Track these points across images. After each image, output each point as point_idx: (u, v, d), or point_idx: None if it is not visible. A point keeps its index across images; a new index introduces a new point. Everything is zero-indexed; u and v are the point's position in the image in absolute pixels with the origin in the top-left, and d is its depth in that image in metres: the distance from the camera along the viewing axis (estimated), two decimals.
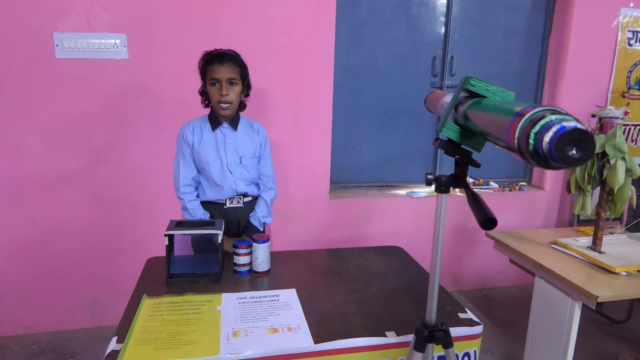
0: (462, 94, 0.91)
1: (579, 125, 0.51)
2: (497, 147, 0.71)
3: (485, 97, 0.86)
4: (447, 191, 0.99)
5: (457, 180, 0.96)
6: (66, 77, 2.32)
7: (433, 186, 0.99)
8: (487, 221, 0.76)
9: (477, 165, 0.93)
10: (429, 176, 0.97)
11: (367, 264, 1.81)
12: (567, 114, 0.54)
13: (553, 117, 0.52)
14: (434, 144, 1.00)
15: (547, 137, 0.51)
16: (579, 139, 0.50)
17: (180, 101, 2.45)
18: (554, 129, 0.51)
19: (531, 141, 0.53)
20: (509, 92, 0.85)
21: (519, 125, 0.56)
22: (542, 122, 0.53)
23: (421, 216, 3.03)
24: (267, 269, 1.67)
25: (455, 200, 3.03)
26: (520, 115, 0.57)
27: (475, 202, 0.82)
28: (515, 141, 0.57)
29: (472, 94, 0.89)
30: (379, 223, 2.98)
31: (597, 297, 1.68)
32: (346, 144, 2.99)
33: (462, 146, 0.94)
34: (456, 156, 0.96)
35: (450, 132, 0.92)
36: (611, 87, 3.17)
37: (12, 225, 2.43)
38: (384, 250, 1.98)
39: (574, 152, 0.51)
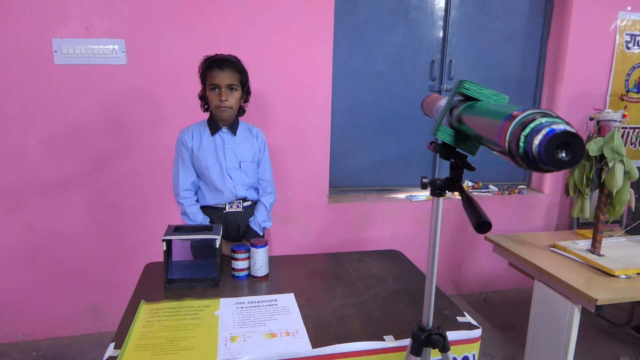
0: (457, 98, 0.92)
1: (568, 128, 0.51)
2: (491, 151, 0.72)
3: (479, 100, 0.86)
4: (442, 195, 0.99)
5: (453, 183, 0.96)
6: (65, 82, 2.33)
7: (428, 190, 0.99)
8: (482, 224, 0.76)
9: (472, 169, 0.93)
10: (424, 180, 0.97)
11: (366, 268, 1.81)
12: (557, 117, 0.54)
13: (543, 120, 0.53)
14: (428, 148, 1.00)
15: (536, 140, 0.51)
16: (568, 141, 0.50)
17: (179, 106, 2.46)
18: (544, 131, 0.51)
19: (521, 144, 0.54)
20: (503, 96, 0.85)
21: (510, 128, 0.56)
22: (532, 125, 0.53)
23: (420, 220, 3.03)
24: (265, 273, 1.67)
25: (455, 204, 3.04)
26: (511, 118, 0.57)
27: (470, 205, 0.82)
28: (506, 144, 0.57)
29: (467, 98, 0.89)
30: (378, 227, 2.98)
31: (597, 300, 1.67)
32: (345, 148, 2.99)
33: (457, 150, 0.94)
34: (451, 160, 0.96)
35: (445, 135, 0.92)
36: (610, 90, 3.18)
37: (11, 231, 2.43)
38: (382, 254, 1.98)
39: (564, 155, 0.51)
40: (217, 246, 1.58)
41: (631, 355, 2.51)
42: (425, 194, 3.12)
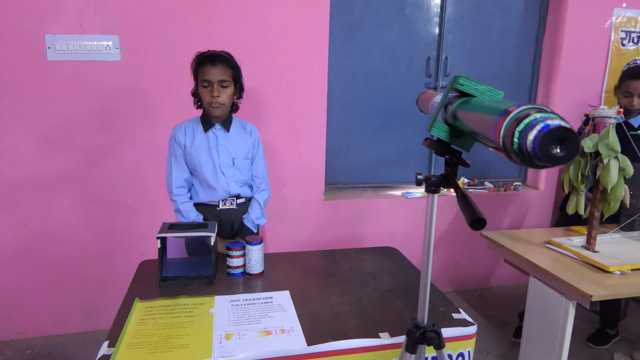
0: (452, 94, 0.91)
1: (563, 124, 0.50)
2: (486, 147, 0.71)
3: (474, 96, 0.86)
4: (437, 191, 0.99)
5: (448, 180, 0.96)
6: (58, 79, 2.31)
7: (423, 186, 0.99)
8: (477, 221, 0.76)
9: (467, 166, 0.92)
10: (418, 176, 0.97)
11: (362, 265, 1.81)
12: (552, 112, 0.53)
13: (537, 115, 0.52)
14: (423, 144, 1.00)
15: (531, 136, 0.51)
16: (563, 137, 0.50)
17: (173, 103, 2.44)
18: (538, 127, 0.50)
19: (516, 140, 0.53)
20: (498, 92, 0.84)
21: (504, 124, 0.56)
22: (526, 121, 0.52)
23: (416, 217, 3.03)
24: (260, 270, 1.66)
25: (450, 201, 3.04)
26: (506, 114, 0.57)
27: (465, 202, 0.82)
28: (501, 140, 0.56)
29: (462, 94, 0.88)
30: (374, 224, 2.98)
31: (591, 296, 1.67)
32: (341, 145, 2.99)
33: (452, 146, 0.94)
34: (446, 156, 0.95)
35: (440, 131, 0.92)
36: (605, 87, 3.18)
37: (5, 229, 2.41)
38: (378, 251, 1.98)
39: (558, 150, 0.50)
40: (212, 244, 1.58)
41: (625, 352, 2.52)
42: (420, 190, 3.12)
